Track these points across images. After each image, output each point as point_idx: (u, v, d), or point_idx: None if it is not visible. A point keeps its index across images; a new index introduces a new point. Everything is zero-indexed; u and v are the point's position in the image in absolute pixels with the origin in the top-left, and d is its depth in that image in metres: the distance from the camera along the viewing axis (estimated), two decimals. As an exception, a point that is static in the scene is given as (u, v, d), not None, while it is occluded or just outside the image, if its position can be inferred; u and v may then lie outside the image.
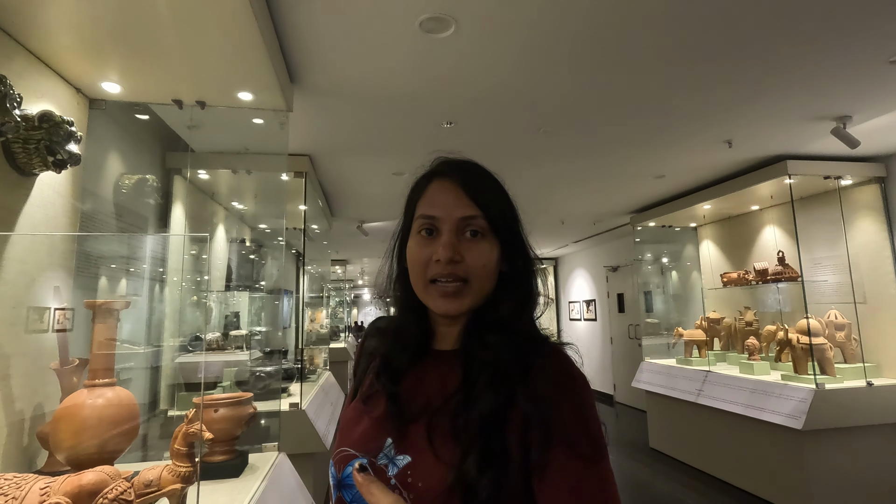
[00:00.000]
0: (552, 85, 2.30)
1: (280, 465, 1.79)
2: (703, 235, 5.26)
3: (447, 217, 0.67)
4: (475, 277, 0.66)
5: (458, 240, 0.66)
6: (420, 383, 0.67)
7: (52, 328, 1.65)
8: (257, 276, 3.85)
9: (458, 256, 0.65)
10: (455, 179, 0.69)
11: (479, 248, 0.66)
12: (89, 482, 0.74)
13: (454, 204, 0.67)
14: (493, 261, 0.67)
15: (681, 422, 4.36)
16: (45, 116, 1.51)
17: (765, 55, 2.08)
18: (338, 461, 0.65)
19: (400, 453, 0.61)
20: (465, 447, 0.57)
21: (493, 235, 0.68)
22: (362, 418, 0.68)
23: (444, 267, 0.65)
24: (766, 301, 4.34)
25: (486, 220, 0.67)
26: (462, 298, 0.66)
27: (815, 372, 3.28)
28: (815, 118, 2.80)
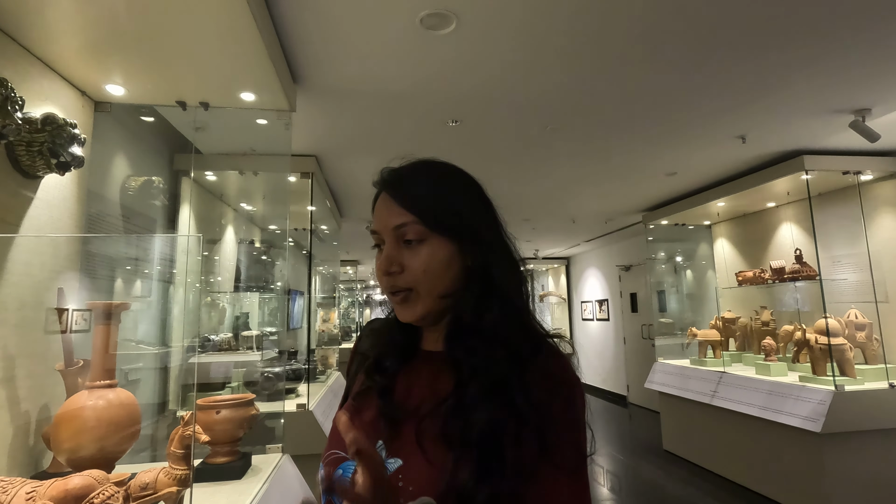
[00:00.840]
0: (559, 80, 2.26)
1: (283, 467, 1.78)
2: (718, 233, 5.15)
3: (384, 229, 0.67)
4: (418, 284, 0.65)
5: (398, 250, 0.66)
6: (411, 384, 0.67)
7: (71, 329, 1.67)
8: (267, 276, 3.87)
9: (396, 267, 0.65)
10: (387, 190, 0.68)
11: (419, 254, 0.65)
12: (75, 487, 0.73)
13: (388, 215, 0.67)
14: (438, 262, 0.65)
15: (695, 424, 4.28)
16: (49, 119, 1.52)
17: (780, 47, 2.02)
18: (328, 464, 0.65)
19: (391, 456, 0.60)
20: (458, 455, 0.56)
21: (440, 235, 0.65)
22: (354, 419, 0.67)
23: (385, 280, 0.66)
24: (783, 300, 4.23)
25: (422, 223, 0.65)
26: (413, 306, 0.66)
27: (834, 373, 3.19)
28: (832, 111, 2.71)
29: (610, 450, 5.05)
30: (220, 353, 3.18)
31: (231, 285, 3.46)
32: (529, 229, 6.23)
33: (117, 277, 2.20)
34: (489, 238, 0.68)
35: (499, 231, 0.70)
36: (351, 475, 0.62)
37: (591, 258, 8.60)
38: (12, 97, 1.35)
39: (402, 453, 0.60)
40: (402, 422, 0.62)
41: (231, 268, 3.53)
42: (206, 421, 1.55)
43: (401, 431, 0.62)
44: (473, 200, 0.69)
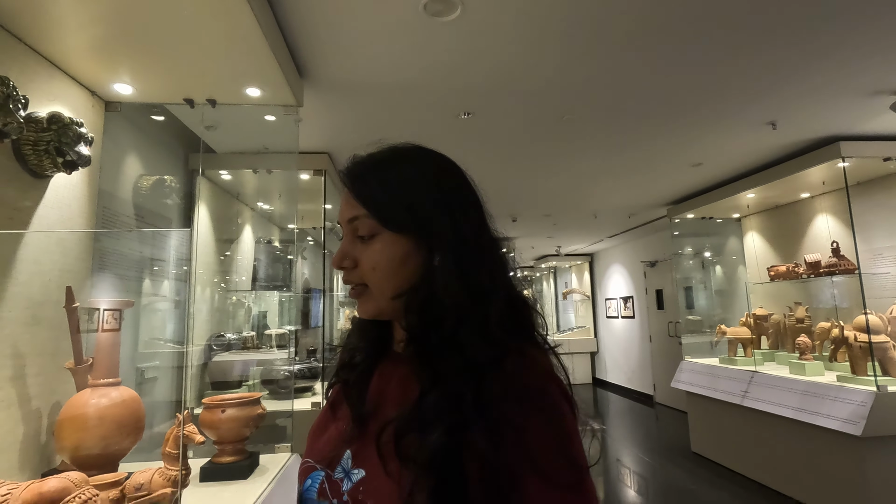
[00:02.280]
0: (573, 68, 2.17)
1: (292, 467, 1.75)
2: (748, 227, 4.94)
3: (342, 222, 0.64)
4: (370, 280, 0.61)
5: (352, 244, 0.63)
6: (384, 387, 0.63)
7: (102, 328, 1.67)
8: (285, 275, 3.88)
9: (349, 262, 0.62)
10: (345, 182, 0.65)
11: (370, 249, 0.61)
12: (50, 490, 0.70)
13: (344, 207, 0.64)
14: (388, 259, 0.60)
15: (725, 425, 4.10)
16: (54, 118, 1.53)
17: (814, 26, 1.88)
18: (301, 472, 0.63)
19: (356, 466, 0.56)
20: (413, 476, 0.49)
21: (395, 227, 0.60)
22: (328, 425, 0.65)
23: (342, 275, 0.64)
24: (819, 296, 4.02)
25: (372, 216, 0.60)
26: (366, 303, 0.62)
27: (875, 373, 3.00)
28: (871, 93, 2.54)
29: (636, 451, 4.90)
30: (242, 352, 3.20)
31: (250, 284, 3.48)
32: (551, 225, 6.11)
33: (129, 276, 2.22)
34: (449, 234, 0.59)
35: (471, 226, 0.62)
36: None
37: (615, 254, 8.40)
38: (14, 95, 1.35)
39: (366, 464, 0.55)
40: (370, 426, 0.58)
41: (249, 267, 3.55)
42: (212, 420, 1.53)
43: (368, 437, 0.57)
44: (440, 192, 0.62)
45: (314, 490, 0.58)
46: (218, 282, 3.26)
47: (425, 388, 0.54)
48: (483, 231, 0.64)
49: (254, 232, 3.81)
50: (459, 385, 0.52)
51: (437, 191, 0.62)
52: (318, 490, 0.58)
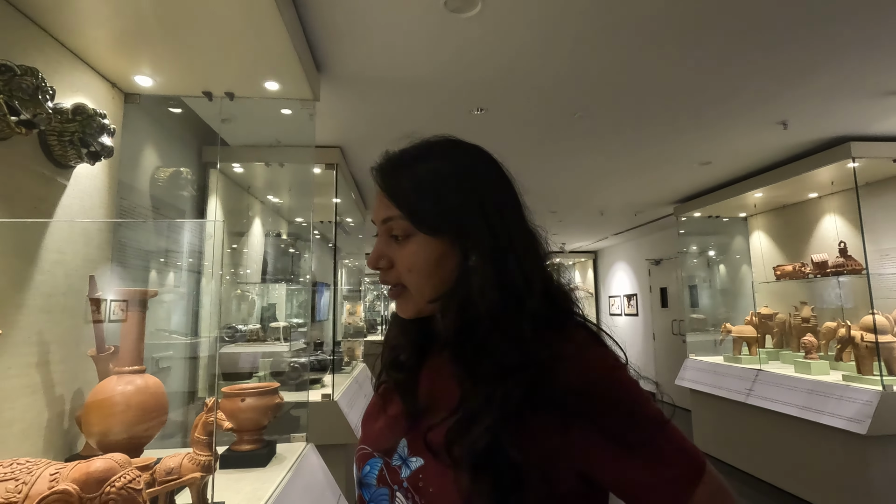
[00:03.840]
0: (588, 66, 2.18)
1: (307, 456, 1.78)
2: (754, 226, 4.95)
3: (376, 222, 0.64)
4: (406, 281, 0.61)
5: (388, 244, 0.62)
6: (434, 380, 0.64)
7: (109, 318, 1.70)
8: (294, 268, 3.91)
9: (385, 262, 0.62)
10: (377, 181, 0.64)
11: (405, 250, 0.61)
12: (97, 469, 0.73)
13: (378, 207, 0.64)
14: (424, 261, 0.60)
15: (729, 423, 4.13)
16: (79, 109, 1.55)
17: (827, 26, 1.89)
18: (358, 459, 0.65)
19: (413, 455, 0.58)
20: (478, 479, 0.51)
21: (428, 230, 0.59)
22: (380, 414, 0.67)
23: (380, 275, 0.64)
24: (825, 296, 4.03)
25: (407, 217, 0.59)
26: (404, 303, 0.63)
27: (881, 372, 3.01)
28: (883, 93, 2.54)
29: (638, 447, 4.93)
30: (248, 344, 3.23)
31: (259, 277, 3.51)
32: (556, 222, 6.12)
33: (148, 267, 2.25)
34: (485, 233, 0.59)
35: (508, 223, 0.61)
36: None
37: (620, 252, 8.41)
38: (43, 87, 1.37)
39: (423, 453, 0.57)
40: (423, 418, 0.60)
41: (259, 259, 3.58)
42: (231, 409, 1.56)
43: (422, 429, 0.59)
44: (473, 191, 0.60)
45: (373, 476, 0.61)
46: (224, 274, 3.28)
47: (465, 390, 0.55)
48: (519, 227, 0.62)
49: (263, 225, 3.83)
50: (501, 387, 0.53)
51: (470, 189, 0.60)
52: (377, 476, 0.60)
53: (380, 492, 0.59)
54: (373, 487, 0.60)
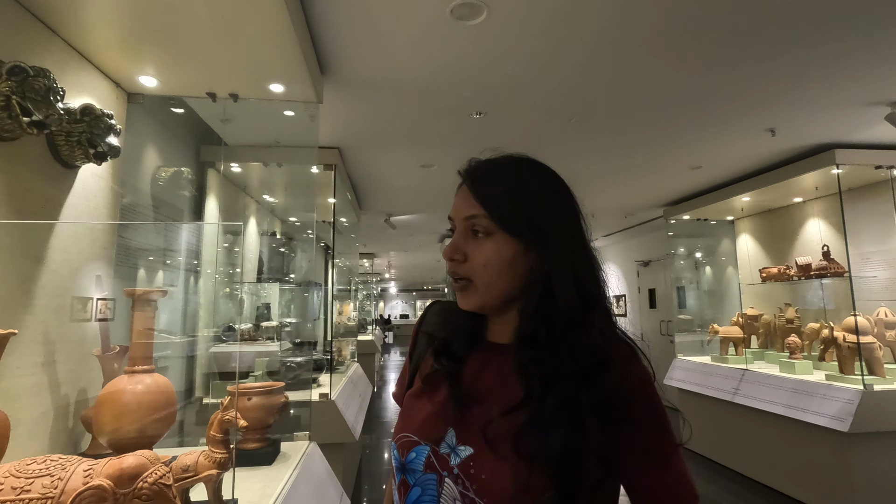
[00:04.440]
0: (585, 72, 2.24)
1: (311, 455, 1.80)
2: (741, 229, 5.06)
3: (457, 217, 0.69)
4: (477, 276, 0.66)
5: (465, 240, 0.68)
6: (478, 373, 0.68)
7: (94, 317, 1.71)
8: (287, 268, 3.91)
9: (460, 256, 0.67)
10: (467, 182, 0.70)
11: (482, 248, 0.66)
12: (130, 466, 0.75)
13: (462, 205, 0.69)
14: (499, 259, 0.65)
15: (716, 421, 4.23)
16: (87, 110, 1.55)
17: (815, 38, 1.97)
18: (401, 445, 0.67)
19: (462, 443, 0.63)
20: (534, 470, 0.57)
21: (505, 233, 0.66)
22: (424, 403, 0.70)
23: (449, 266, 0.68)
24: (808, 298, 4.15)
25: (490, 218, 0.65)
26: (468, 296, 0.67)
27: (862, 372, 3.12)
28: (867, 103, 2.64)
29: (627, 446, 5.01)
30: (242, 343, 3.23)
31: (254, 276, 3.51)
32: (547, 223, 6.18)
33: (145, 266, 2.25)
34: (563, 245, 0.66)
35: (578, 238, 0.68)
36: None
37: (609, 253, 8.52)
38: (54, 88, 1.38)
39: (472, 442, 0.62)
40: (470, 409, 0.64)
41: (254, 259, 3.58)
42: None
43: (470, 418, 0.63)
44: (552, 204, 0.68)
45: (420, 462, 0.64)
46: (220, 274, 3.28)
47: (535, 389, 0.61)
48: (585, 242, 0.69)
49: (259, 224, 3.83)
50: (573, 389, 0.59)
51: (552, 203, 0.68)
52: (424, 462, 0.64)
53: (427, 477, 0.63)
54: (418, 473, 0.63)
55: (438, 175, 3.92)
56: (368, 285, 12.39)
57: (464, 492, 0.60)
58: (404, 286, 24.61)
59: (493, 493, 0.58)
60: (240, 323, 3.40)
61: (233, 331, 3.11)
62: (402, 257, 11.03)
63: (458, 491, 0.61)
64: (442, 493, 0.61)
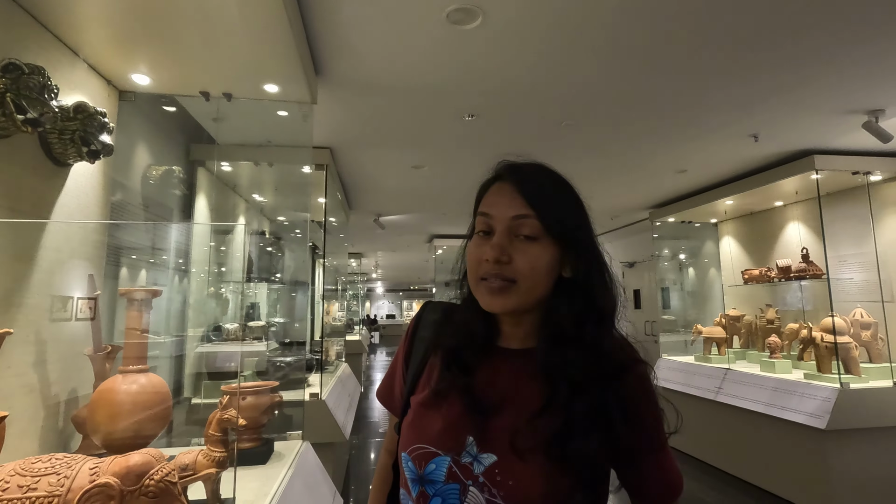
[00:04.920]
0: (577, 77, 2.28)
1: (305, 454, 1.81)
2: (724, 231, 5.18)
3: (500, 216, 0.67)
4: (522, 279, 0.65)
5: (508, 241, 0.66)
6: (492, 379, 0.68)
7: (75, 317, 1.69)
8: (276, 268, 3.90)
9: (506, 257, 0.65)
10: (511, 181, 0.69)
11: (529, 251, 0.66)
12: (136, 463, 0.76)
13: (508, 204, 0.67)
14: (545, 264, 0.66)
15: (699, 420, 4.32)
16: (80, 107, 1.54)
17: (795, 47, 2.04)
18: (417, 457, 0.66)
19: (483, 451, 0.63)
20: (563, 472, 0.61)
21: (549, 238, 0.66)
22: (436, 413, 0.68)
23: (491, 266, 0.65)
24: (788, 299, 4.27)
25: (539, 220, 0.66)
26: (507, 297, 0.66)
27: (839, 371, 3.23)
28: (846, 111, 2.73)
29: (612, 444, 5.08)
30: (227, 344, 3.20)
31: (243, 276, 3.49)
32: (535, 225, 6.24)
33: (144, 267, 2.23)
34: (591, 253, 0.69)
35: (597, 244, 0.71)
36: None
37: (595, 254, 8.61)
38: (48, 85, 1.37)
39: (495, 449, 0.62)
40: (488, 416, 0.64)
41: (242, 258, 3.55)
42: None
43: (489, 426, 0.63)
44: (582, 214, 0.71)
45: (441, 473, 0.63)
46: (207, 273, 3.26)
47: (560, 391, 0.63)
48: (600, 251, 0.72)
49: (248, 224, 3.81)
50: (602, 391, 0.63)
51: (585, 215, 0.71)
52: (446, 473, 0.63)
53: (449, 487, 0.63)
54: (439, 484, 0.63)
55: (429, 176, 3.94)
56: (355, 285, 12.34)
57: (490, 499, 0.60)
58: (391, 286, 24.56)
59: (521, 498, 0.59)
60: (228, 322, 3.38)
61: (220, 331, 3.09)
62: (389, 257, 11.02)
63: (484, 499, 0.61)
64: (465, 501, 0.61)
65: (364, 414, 6.45)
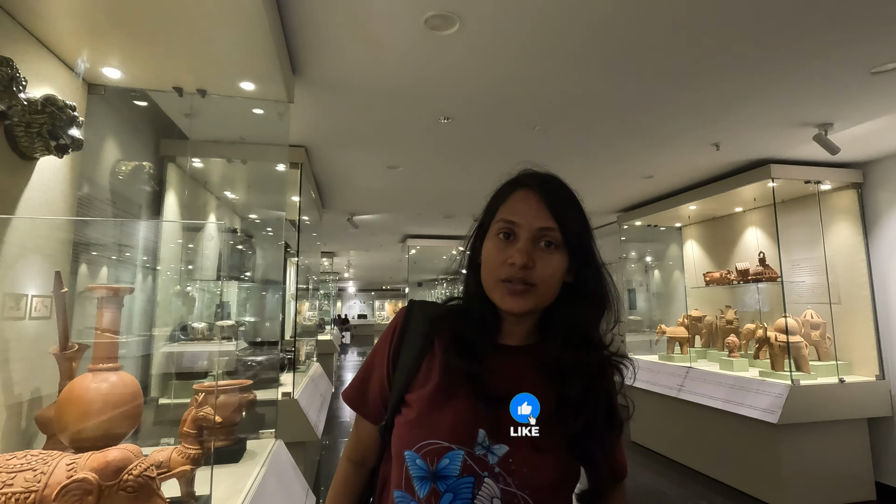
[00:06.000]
0: (550, 84, 2.35)
1: (278, 452, 1.81)
2: (688, 235, 5.38)
3: (527, 225, 0.71)
4: (542, 283, 0.70)
5: (532, 248, 0.71)
6: (496, 373, 0.71)
7: (29, 316, 1.65)
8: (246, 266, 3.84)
9: (531, 263, 0.70)
10: (538, 192, 0.74)
11: (551, 259, 0.71)
12: (115, 459, 0.76)
13: (535, 214, 0.72)
14: (561, 271, 0.72)
15: (662, 416, 4.49)
16: (49, 100, 1.51)
17: (754, 65, 2.16)
18: (428, 453, 0.67)
19: (496, 443, 0.66)
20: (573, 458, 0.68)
21: (565, 248, 0.72)
22: (444, 409, 0.70)
23: (517, 271, 0.69)
24: (746, 300, 4.47)
25: (561, 233, 0.71)
26: (526, 299, 0.70)
27: (791, 369, 3.41)
28: (798, 124, 2.90)
29: (580, 441, 5.20)
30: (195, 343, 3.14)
31: (213, 274, 3.43)
32: (508, 226, 6.33)
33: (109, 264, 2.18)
34: (595, 262, 0.76)
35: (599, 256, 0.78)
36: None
37: (566, 256, 8.78)
38: (17, 77, 1.34)
39: (507, 440, 0.66)
40: (497, 408, 0.67)
41: (213, 256, 3.49)
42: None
43: (499, 418, 0.67)
44: (589, 227, 0.77)
45: (455, 468, 0.65)
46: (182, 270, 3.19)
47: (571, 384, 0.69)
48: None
49: (218, 221, 3.74)
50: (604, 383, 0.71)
51: (590, 228, 0.77)
52: (460, 467, 0.65)
53: (463, 481, 0.64)
54: (452, 478, 0.65)
55: (404, 176, 3.96)
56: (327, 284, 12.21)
57: (505, 488, 0.64)
58: (363, 286, 24.37)
59: (535, 485, 0.64)
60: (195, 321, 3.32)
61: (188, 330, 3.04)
62: (362, 257, 10.96)
63: (498, 489, 0.64)
64: (478, 494, 0.64)
65: (335, 414, 6.41)
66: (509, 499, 0.63)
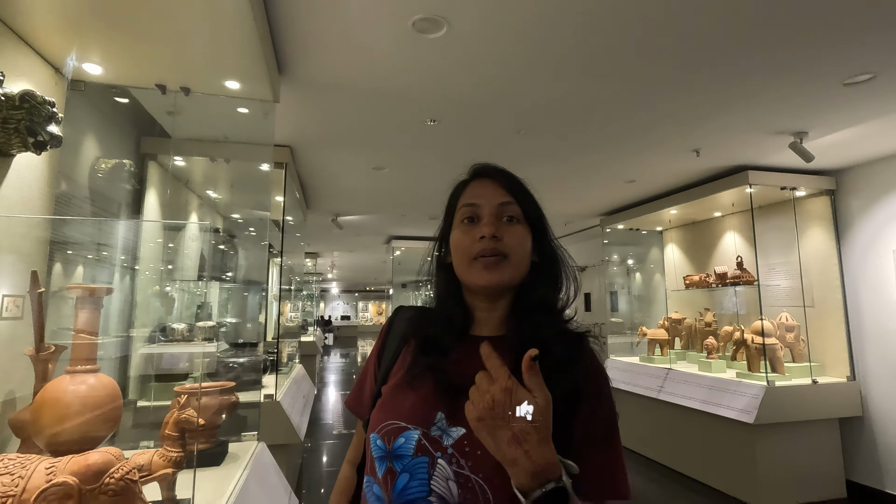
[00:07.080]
0: (535, 88, 2.38)
1: (260, 455, 1.80)
2: (668, 239, 5.48)
3: (487, 203, 0.77)
4: (513, 253, 0.74)
5: (498, 223, 0.76)
6: (465, 363, 0.71)
7: (1, 316, 1.61)
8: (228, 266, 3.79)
9: (500, 234, 0.74)
10: (492, 176, 0.81)
11: (516, 230, 0.76)
12: (96, 462, 0.75)
13: (493, 194, 0.78)
14: (528, 243, 0.77)
15: (643, 417, 4.56)
16: (27, 96, 1.47)
17: (733, 75, 2.22)
18: (386, 433, 0.69)
19: (454, 425, 0.67)
20: None
21: (526, 223, 0.78)
22: (408, 392, 0.72)
23: (487, 243, 0.73)
24: (725, 303, 4.57)
25: (519, 207, 0.77)
26: (502, 271, 0.73)
27: (766, 370, 3.50)
28: (775, 132, 2.99)
29: (562, 442, 5.26)
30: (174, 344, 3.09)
31: (195, 274, 3.38)
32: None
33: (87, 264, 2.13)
34: (551, 241, 0.81)
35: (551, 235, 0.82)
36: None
37: (549, 258, 8.86)
38: (-6, 72, 1.30)
39: (463, 423, 0.65)
40: (459, 396, 0.67)
41: (194, 256, 3.44)
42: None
43: (459, 404, 0.66)
44: (541, 209, 0.82)
45: (410, 447, 0.66)
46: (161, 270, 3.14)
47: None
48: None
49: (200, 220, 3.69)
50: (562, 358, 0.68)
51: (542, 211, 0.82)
52: (415, 446, 0.66)
53: (417, 461, 0.65)
54: (407, 458, 0.66)
55: (389, 178, 3.96)
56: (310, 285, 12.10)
57: (458, 470, 0.63)
58: (347, 287, 24.20)
59: (489, 468, 0.62)
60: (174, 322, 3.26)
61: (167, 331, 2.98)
62: (346, 257, 10.89)
63: (451, 470, 0.64)
64: (434, 474, 0.64)
65: (318, 416, 6.36)
66: (463, 481, 0.63)
